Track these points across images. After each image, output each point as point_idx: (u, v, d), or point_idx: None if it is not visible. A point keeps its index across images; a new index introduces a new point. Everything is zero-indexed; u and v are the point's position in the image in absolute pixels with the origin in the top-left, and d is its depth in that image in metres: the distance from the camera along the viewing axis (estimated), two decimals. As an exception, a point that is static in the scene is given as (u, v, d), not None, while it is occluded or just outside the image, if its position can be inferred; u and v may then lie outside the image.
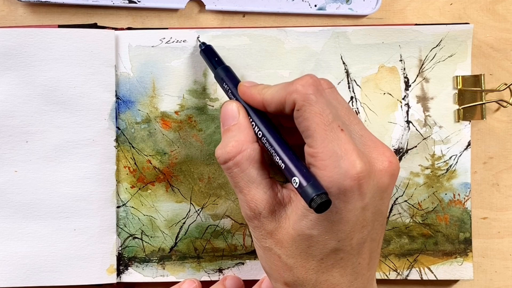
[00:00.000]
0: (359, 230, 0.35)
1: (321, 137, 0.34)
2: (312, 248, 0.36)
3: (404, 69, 0.48)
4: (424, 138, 0.48)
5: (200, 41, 0.46)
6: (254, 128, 0.39)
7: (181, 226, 0.47)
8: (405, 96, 0.48)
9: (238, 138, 0.38)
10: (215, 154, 0.39)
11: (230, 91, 0.41)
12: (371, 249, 0.37)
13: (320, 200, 0.33)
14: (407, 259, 0.48)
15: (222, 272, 0.47)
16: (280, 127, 0.39)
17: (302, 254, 0.36)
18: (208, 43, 0.45)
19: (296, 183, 0.34)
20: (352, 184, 0.34)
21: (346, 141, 0.34)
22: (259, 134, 0.38)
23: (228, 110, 0.39)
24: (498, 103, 0.49)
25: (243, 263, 0.48)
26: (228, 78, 0.42)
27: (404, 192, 0.48)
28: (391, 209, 0.48)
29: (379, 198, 0.36)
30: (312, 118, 0.35)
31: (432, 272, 0.48)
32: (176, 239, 0.47)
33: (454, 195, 0.48)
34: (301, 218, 0.35)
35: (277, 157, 0.36)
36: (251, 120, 0.39)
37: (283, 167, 0.36)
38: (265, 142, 0.38)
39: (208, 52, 0.44)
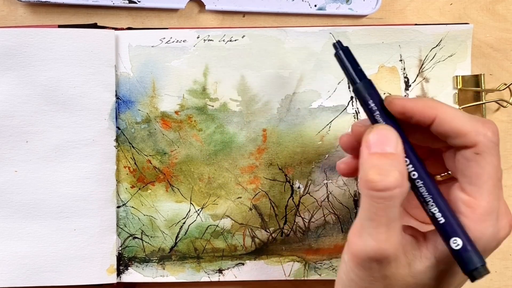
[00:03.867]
0: (460, 283, 0.35)
1: (488, 190, 0.32)
2: None
3: (404, 69, 0.48)
4: (424, 138, 0.48)
5: (334, 39, 0.40)
6: (408, 165, 0.34)
7: (181, 226, 0.47)
8: (405, 96, 0.48)
9: (401, 170, 0.33)
10: (366, 177, 0.33)
11: (376, 112, 0.35)
12: None
13: (485, 272, 0.31)
14: (407, 259, 0.48)
15: (222, 273, 0.47)
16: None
17: None
18: (345, 45, 0.36)
19: (458, 245, 0.32)
20: (495, 246, 0.33)
21: (503, 202, 0.34)
22: (413, 174, 0.34)
23: (387, 135, 0.34)
24: (498, 103, 0.49)
25: (243, 264, 0.48)
26: (371, 96, 0.35)
27: (404, 192, 0.48)
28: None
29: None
30: (488, 169, 0.33)
31: (432, 272, 0.48)
32: (176, 239, 0.47)
33: (454, 195, 0.48)
34: (427, 270, 0.34)
35: (436, 209, 0.33)
36: (405, 155, 0.34)
37: (441, 222, 0.33)
38: (421, 187, 0.34)
39: (347, 57, 0.36)
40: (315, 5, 0.48)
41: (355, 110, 0.47)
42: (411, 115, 0.34)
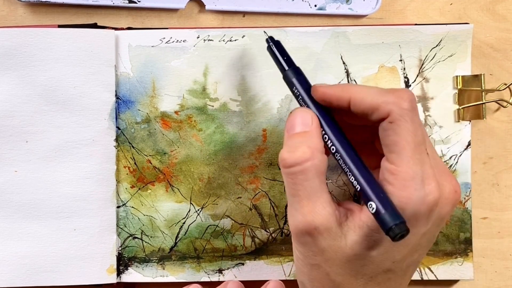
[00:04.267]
0: (412, 254, 0.35)
1: (408, 156, 0.33)
2: (365, 267, 0.35)
3: (404, 69, 0.48)
4: (424, 138, 0.48)
5: (267, 35, 0.43)
6: (326, 142, 0.37)
7: (181, 226, 0.47)
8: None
9: (310, 145, 0.35)
10: (279, 156, 0.36)
11: (300, 97, 0.38)
12: (413, 270, 0.37)
13: (399, 231, 0.32)
14: (407, 259, 0.48)
15: (222, 273, 0.47)
16: (340, 122, 0.38)
17: (353, 272, 0.35)
18: (276, 39, 0.42)
19: (373, 208, 0.33)
20: (425, 210, 0.33)
21: (429, 166, 0.34)
22: (332, 149, 0.36)
23: (300, 117, 0.37)
24: (498, 103, 0.49)
25: (243, 264, 0.48)
26: (298, 81, 0.39)
27: (404, 192, 0.48)
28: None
29: (437, 225, 0.36)
30: (404, 135, 0.33)
31: (433, 272, 0.48)
32: (176, 239, 0.47)
33: (454, 195, 0.48)
34: (362, 239, 0.34)
35: (352, 177, 0.35)
36: (323, 132, 0.37)
37: (358, 189, 0.34)
38: (339, 159, 0.36)
39: (276, 49, 0.41)
40: (315, 5, 0.48)
41: (355, 110, 0.47)
42: (330, 100, 0.37)
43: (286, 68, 0.40)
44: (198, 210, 0.47)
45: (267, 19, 0.49)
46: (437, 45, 0.47)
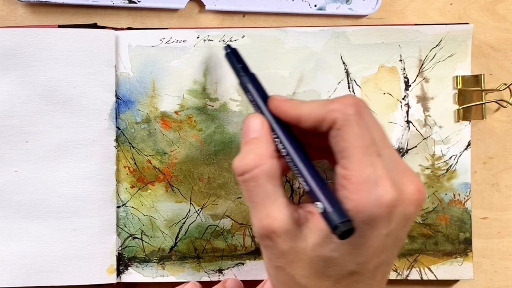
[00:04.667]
0: (378, 255, 0.35)
1: (357, 160, 0.34)
2: (329, 269, 0.35)
3: (404, 69, 0.48)
4: (424, 138, 0.48)
5: (225, 44, 0.44)
6: (278, 145, 0.37)
7: (181, 226, 0.47)
8: (405, 96, 0.48)
9: (259, 151, 0.36)
10: (232, 165, 0.37)
11: (254, 102, 0.39)
12: (384, 272, 0.37)
13: (345, 228, 0.32)
14: (407, 259, 0.48)
15: (222, 273, 0.47)
16: (305, 144, 0.38)
17: (318, 274, 0.35)
18: (233, 47, 0.43)
19: (320, 208, 0.34)
20: (382, 212, 0.33)
21: (382, 167, 0.34)
22: (284, 152, 0.37)
23: (250, 123, 0.38)
24: (498, 103, 0.49)
25: (243, 263, 0.48)
26: (254, 87, 0.40)
27: (404, 192, 0.48)
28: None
29: (402, 225, 0.35)
30: (351, 140, 0.34)
31: (432, 272, 0.48)
32: (176, 239, 0.47)
33: (454, 195, 0.48)
34: (323, 240, 0.35)
35: (302, 178, 0.35)
36: (275, 136, 0.38)
37: (307, 190, 0.35)
38: (289, 161, 0.36)
39: (233, 56, 0.42)
40: (315, 5, 0.48)
41: (355, 110, 0.47)
42: (280, 116, 0.38)
43: (242, 74, 0.41)
44: (198, 210, 0.47)
45: (267, 19, 0.49)
46: (437, 45, 0.47)
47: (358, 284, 0.36)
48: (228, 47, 0.43)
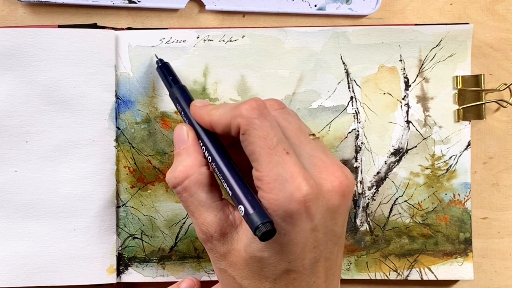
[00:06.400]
0: (311, 250, 0.35)
1: (266, 160, 0.34)
2: (264, 269, 0.36)
3: (404, 69, 0.48)
4: (424, 138, 0.48)
5: (157, 58, 0.45)
6: (204, 152, 0.39)
7: (181, 226, 0.47)
8: (405, 96, 0.48)
9: (186, 163, 0.38)
10: (165, 178, 0.39)
11: (183, 112, 0.41)
12: (326, 268, 0.37)
13: (265, 229, 0.33)
14: (407, 259, 0.48)
15: (222, 272, 0.47)
16: (232, 147, 0.39)
17: (255, 275, 0.36)
18: (165, 61, 0.45)
19: (242, 211, 0.35)
20: (298, 207, 0.34)
21: (292, 164, 0.34)
22: (209, 158, 0.38)
23: (178, 134, 0.40)
24: (498, 103, 0.49)
25: (243, 263, 0.48)
26: (182, 98, 0.42)
27: (404, 192, 0.48)
28: (391, 209, 0.48)
29: (330, 218, 0.36)
30: (256, 142, 0.35)
31: (432, 272, 0.48)
32: (176, 239, 0.47)
33: (454, 195, 0.48)
34: (251, 241, 0.35)
35: (225, 184, 0.37)
36: (201, 144, 0.39)
37: (230, 194, 0.36)
38: (214, 168, 0.38)
39: (164, 70, 0.44)
40: (315, 5, 0.48)
41: (355, 110, 0.47)
42: (199, 123, 0.39)
43: (171, 86, 0.43)
44: (198, 210, 0.47)
45: (267, 19, 0.49)
46: (437, 45, 0.47)
47: (298, 282, 0.36)
48: (160, 61, 0.45)
